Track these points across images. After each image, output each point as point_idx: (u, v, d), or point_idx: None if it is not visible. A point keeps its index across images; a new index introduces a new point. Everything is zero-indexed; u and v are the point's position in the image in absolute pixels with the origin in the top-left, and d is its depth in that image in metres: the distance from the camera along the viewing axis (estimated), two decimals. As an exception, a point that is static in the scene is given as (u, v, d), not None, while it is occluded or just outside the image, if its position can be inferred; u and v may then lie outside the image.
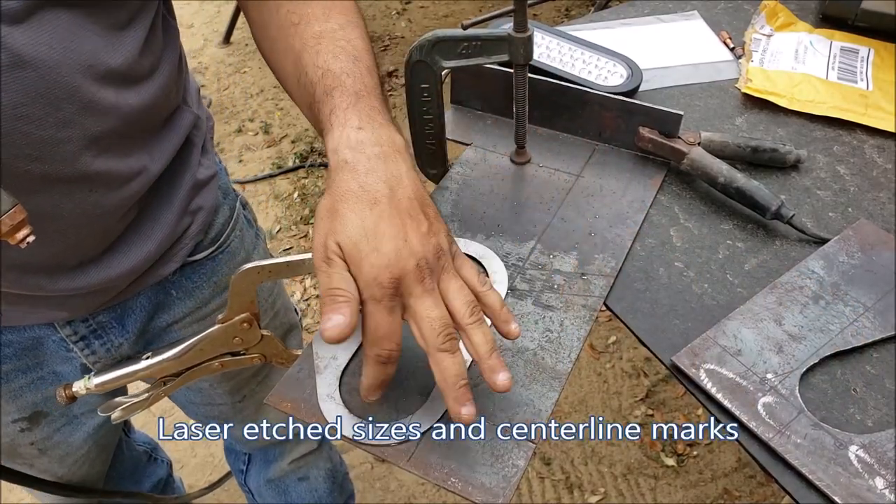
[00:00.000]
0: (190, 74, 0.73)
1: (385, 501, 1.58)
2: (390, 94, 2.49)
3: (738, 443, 0.53)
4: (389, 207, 0.48)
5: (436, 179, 0.74)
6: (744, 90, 0.83)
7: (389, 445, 0.52)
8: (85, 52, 0.51)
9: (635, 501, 1.53)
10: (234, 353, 0.68)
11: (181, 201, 0.68)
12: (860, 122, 0.79)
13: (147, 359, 0.69)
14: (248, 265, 0.58)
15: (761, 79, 0.84)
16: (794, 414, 0.54)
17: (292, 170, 2.38)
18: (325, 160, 2.45)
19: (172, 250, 0.71)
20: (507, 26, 0.65)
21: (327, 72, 0.54)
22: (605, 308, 0.62)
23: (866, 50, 0.88)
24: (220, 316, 0.64)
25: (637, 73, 0.82)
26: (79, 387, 0.68)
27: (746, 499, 1.52)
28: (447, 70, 0.67)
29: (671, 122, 0.71)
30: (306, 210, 2.22)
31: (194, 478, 1.61)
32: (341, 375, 0.56)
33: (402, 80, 0.94)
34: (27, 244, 0.46)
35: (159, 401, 0.72)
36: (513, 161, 0.75)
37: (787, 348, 0.58)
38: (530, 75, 0.70)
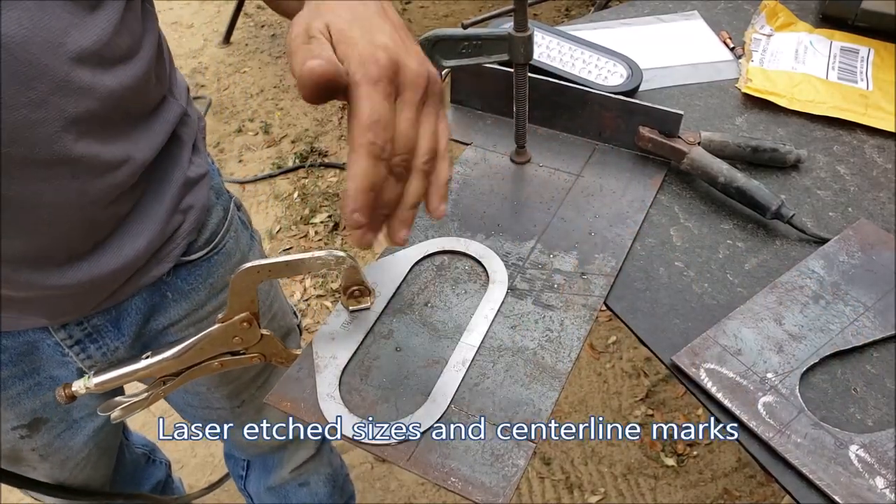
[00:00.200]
0: (178, 71, 0.73)
1: (385, 501, 1.58)
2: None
3: (738, 442, 0.53)
4: (382, 12, 0.44)
5: (436, 179, 0.74)
6: (744, 90, 0.83)
7: (389, 445, 0.52)
8: (54, 29, 0.50)
9: (635, 501, 1.53)
10: (234, 353, 0.68)
11: (172, 198, 0.68)
12: (860, 122, 0.79)
13: (146, 358, 0.69)
14: (248, 264, 0.58)
15: (761, 79, 0.84)
16: (795, 413, 0.54)
17: (292, 170, 2.38)
18: (325, 160, 2.45)
19: (165, 249, 0.70)
20: (507, 26, 0.65)
21: None
22: (605, 308, 0.62)
23: (866, 50, 0.88)
24: (220, 315, 0.64)
25: (637, 73, 0.82)
26: (78, 386, 0.68)
27: (746, 499, 1.52)
28: (447, 69, 0.67)
29: (671, 121, 0.71)
30: (306, 210, 2.22)
31: (194, 478, 1.61)
32: (341, 375, 0.56)
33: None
34: None
35: (158, 400, 0.72)
36: (513, 161, 0.75)
37: (788, 348, 0.58)
38: (530, 75, 0.70)
